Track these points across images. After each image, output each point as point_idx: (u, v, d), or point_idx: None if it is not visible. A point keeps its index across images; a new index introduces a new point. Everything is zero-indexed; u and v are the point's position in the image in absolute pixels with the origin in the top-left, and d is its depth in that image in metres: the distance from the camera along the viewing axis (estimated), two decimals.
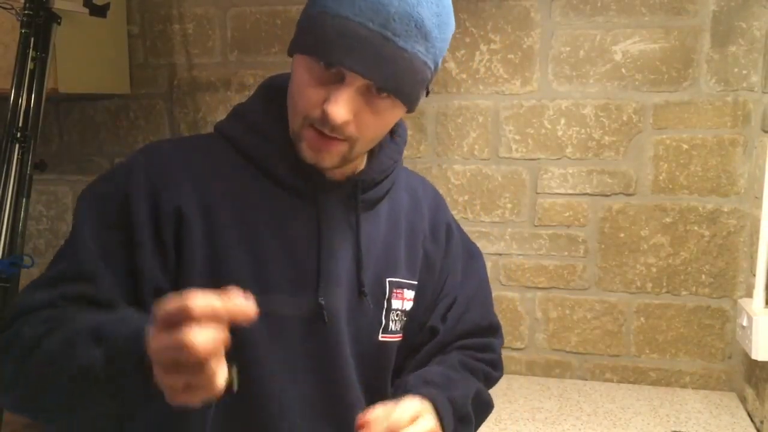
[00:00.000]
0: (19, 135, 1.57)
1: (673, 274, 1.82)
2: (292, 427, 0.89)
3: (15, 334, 0.79)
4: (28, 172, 1.57)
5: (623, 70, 1.78)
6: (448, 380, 0.97)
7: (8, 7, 1.61)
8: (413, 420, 0.84)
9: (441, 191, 1.91)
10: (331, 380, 0.92)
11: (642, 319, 1.85)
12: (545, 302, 1.90)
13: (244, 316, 0.63)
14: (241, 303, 0.63)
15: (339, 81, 0.79)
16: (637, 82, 1.78)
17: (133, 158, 0.88)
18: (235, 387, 0.66)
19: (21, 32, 1.57)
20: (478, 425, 1.03)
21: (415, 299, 1.00)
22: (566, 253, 1.87)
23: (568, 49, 1.81)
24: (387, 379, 1.00)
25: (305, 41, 0.81)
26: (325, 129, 0.81)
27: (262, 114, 0.90)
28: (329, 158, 0.85)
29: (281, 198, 0.88)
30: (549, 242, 1.88)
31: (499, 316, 1.95)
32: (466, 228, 1.93)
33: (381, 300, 0.96)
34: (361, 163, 0.94)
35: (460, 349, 1.05)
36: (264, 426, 0.88)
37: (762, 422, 1.59)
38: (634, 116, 1.79)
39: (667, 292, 1.83)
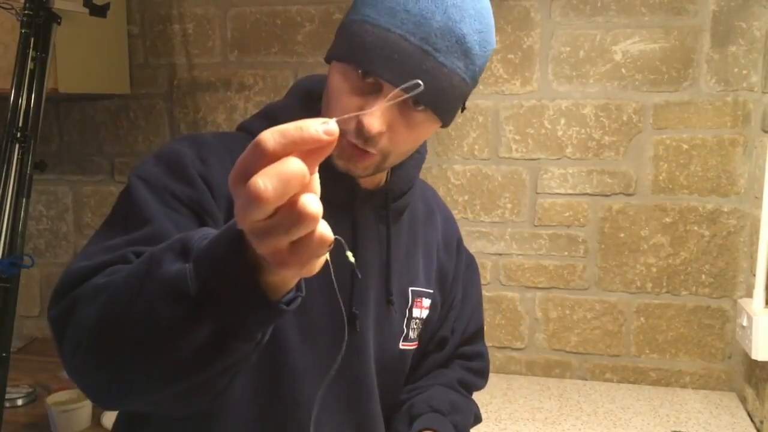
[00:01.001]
0: (19, 135, 1.57)
1: (673, 274, 1.82)
2: (318, 430, 0.89)
3: (76, 296, 0.68)
4: (28, 172, 1.57)
5: (623, 70, 1.78)
6: (453, 406, 1.03)
7: (8, 7, 1.61)
8: None
9: (441, 191, 1.93)
10: (355, 387, 0.93)
11: (642, 319, 1.85)
12: (545, 302, 1.90)
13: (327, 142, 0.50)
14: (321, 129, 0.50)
15: (376, 92, 0.78)
16: (637, 82, 1.78)
17: (179, 146, 0.85)
18: (351, 258, 0.59)
19: (21, 32, 1.57)
20: None
21: (431, 308, 1.03)
22: (566, 253, 1.87)
23: (568, 49, 1.81)
24: (401, 385, 1.04)
25: (343, 48, 0.79)
26: (358, 141, 0.79)
27: (295, 115, 0.86)
28: (363, 169, 0.84)
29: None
30: (549, 242, 1.88)
31: (499, 316, 1.97)
32: (467, 228, 1.94)
33: (404, 309, 0.98)
34: (386, 173, 0.95)
35: (457, 358, 1.11)
36: (291, 429, 0.88)
37: (762, 422, 1.59)
38: (634, 116, 1.79)
39: (667, 292, 1.83)
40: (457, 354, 1.11)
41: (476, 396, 1.83)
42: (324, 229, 0.49)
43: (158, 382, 0.62)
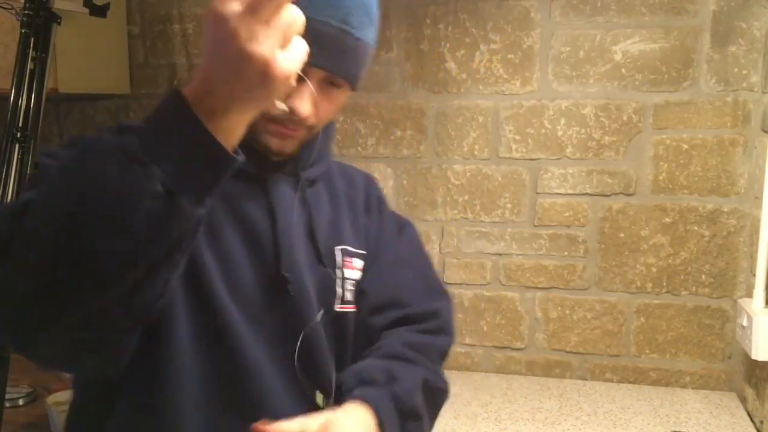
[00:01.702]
0: (19, 135, 1.57)
1: (673, 274, 1.82)
2: (273, 398, 0.88)
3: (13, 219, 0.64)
4: (28, 172, 1.57)
5: (623, 70, 1.78)
6: (390, 375, 0.92)
7: (8, 7, 1.61)
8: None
9: (441, 191, 1.93)
10: (305, 350, 0.91)
11: (642, 319, 1.85)
12: (545, 302, 1.90)
13: None
14: None
15: (298, 78, 0.79)
16: (637, 82, 1.78)
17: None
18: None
19: (21, 32, 1.57)
20: (434, 414, 0.99)
21: (364, 269, 1.01)
22: (566, 253, 1.87)
23: (568, 49, 1.81)
24: (348, 352, 0.99)
25: None
26: (288, 123, 0.85)
27: None
28: (292, 144, 0.89)
29: (230, 184, 0.83)
30: (549, 242, 1.88)
31: (499, 316, 1.97)
32: (466, 228, 1.94)
33: (333, 269, 0.97)
34: None
35: (406, 324, 1.01)
36: (245, 399, 0.87)
37: (762, 422, 1.59)
38: (634, 116, 1.79)
39: (667, 292, 1.83)
40: (405, 318, 1.01)
41: (476, 396, 1.83)
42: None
43: (109, 268, 0.61)
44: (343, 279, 0.98)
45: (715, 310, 1.81)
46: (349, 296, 0.98)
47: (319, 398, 0.93)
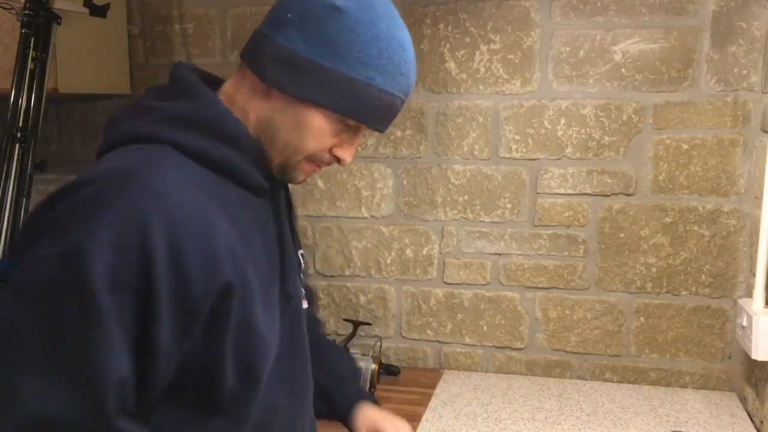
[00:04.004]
0: (19, 135, 1.57)
1: (673, 274, 1.82)
2: (280, 407, 0.96)
3: None
4: (29, 172, 1.57)
5: (623, 70, 1.78)
6: (348, 370, 1.30)
7: (8, 7, 1.61)
8: None
9: (441, 191, 1.93)
10: (303, 358, 1.03)
11: (642, 319, 1.85)
12: (545, 302, 1.90)
13: None
14: None
15: (354, 131, 0.91)
16: (637, 82, 1.78)
17: (145, 218, 0.73)
18: None
19: (21, 32, 1.57)
20: None
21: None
22: (566, 253, 1.87)
23: (568, 49, 1.81)
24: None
25: (346, 105, 0.86)
26: (325, 164, 0.93)
27: (231, 124, 0.87)
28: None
29: (254, 204, 0.92)
30: (549, 242, 1.88)
31: (499, 316, 1.97)
32: (466, 228, 1.94)
33: (299, 272, 1.06)
34: None
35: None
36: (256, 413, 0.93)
37: (762, 422, 1.59)
38: (634, 116, 1.79)
39: (667, 292, 1.83)
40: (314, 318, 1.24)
41: (476, 396, 1.84)
42: None
43: None
44: (304, 279, 1.09)
45: (715, 310, 1.81)
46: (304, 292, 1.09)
47: None
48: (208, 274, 0.77)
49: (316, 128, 0.87)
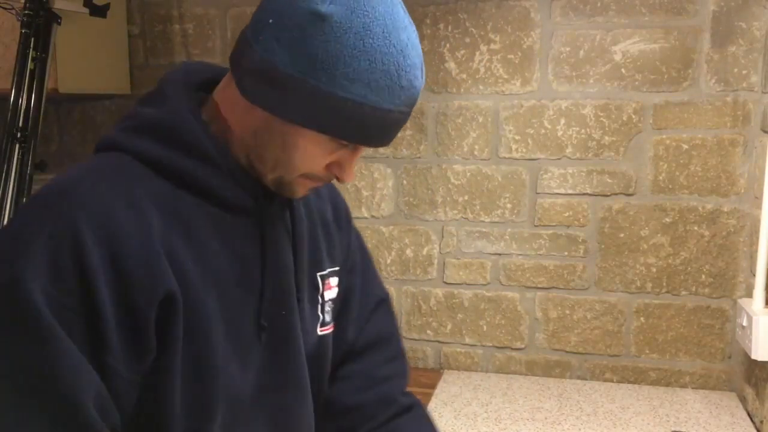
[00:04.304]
0: (19, 135, 1.57)
1: (673, 274, 1.82)
2: None
3: None
4: (29, 172, 1.57)
5: (623, 70, 1.78)
6: None
7: (8, 7, 1.61)
8: None
9: (441, 191, 1.93)
10: (296, 387, 0.92)
11: (642, 319, 1.85)
12: (545, 302, 1.90)
13: None
14: None
15: (351, 149, 0.81)
16: (637, 82, 1.78)
17: (75, 230, 0.70)
18: None
19: (21, 32, 1.57)
20: None
21: (339, 285, 1.02)
22: (566, 253, 1.87)
23: (568, 49, 1.81)
24: (327, 370, 1.01)
25: (336, 127, 0.76)
26: (325, 181, 0.85)
27: (196, 132, 0.80)
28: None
29: (225, 219, 0.82)
30: (549, 242, 1.88)
31: (499, 316, 1.97)
32: (466, 228, 1.94)
33: (316, 296, 0.96)
34: None
35: (374, 350, 1.08)
36: None
37: (762, 422, 1.59)
38: (634, 116, 1.79)
39: (667, 292, 1.83)
40: (375, 338, 1.09)
41: (476, 396, 1.83)
42: None
43: None
44: (323, 303, 0.98)
45: (715, 310, 1.81)
46: (328, 318, 0.99)
47: None
48: (148, 283, 0.72)
49: (305, 149, 0.78)
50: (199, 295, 0.77)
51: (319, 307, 0.97)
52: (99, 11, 1.74)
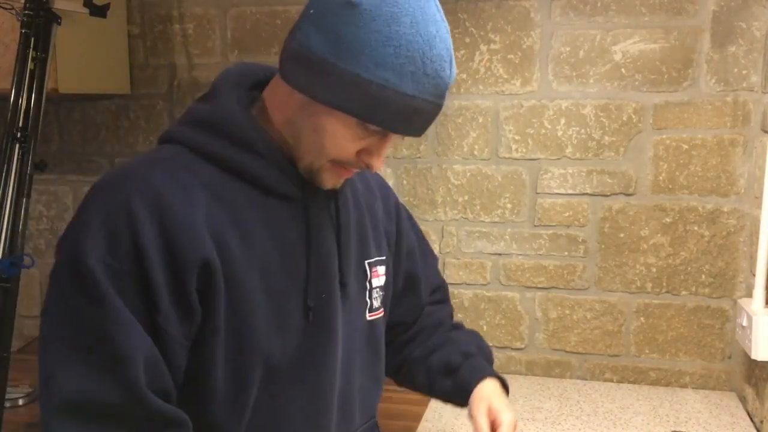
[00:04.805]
0: (19, 135, 1.57)
1: (673, 274, 1.82)
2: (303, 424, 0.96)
3: None
4: (29, 172, 1.57)
5: (623, 70, 1.78)
6: (476, 345, 1.21)
7: (8, 7, 1.61)
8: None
9: (441, 191, 1.93)
10: (332, 370, 0.98)
11: (642, 319, 1.85)
12: (545, 302, 1.90)
13: None
14: None
15: (380, 136, 0.86)
16: (637, 82, 1.78)
17: (130, 206, 0.80)
18: None
19: (21, 32, 1.57)
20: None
21: (386, 273, 1.09)
22: (566, 253, 1.87)
23: (568, 49, 1.81)
24: (382, 353, 1.10)
25: (359, 108, 0.81)
26: (354, 168, 0.90)
27: (243, 124, 0.88)
28: (341, 182, 0.94)
29: (272, 206, 0.90)
30: (549, 242, 1.88)
31: (499, 316, 1.97)
32: (466, 228, 1.94)
33: (364, 282, 1.03)
34: None
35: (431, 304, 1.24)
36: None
37: (762, 422, 1.59)
38: (634, 116, 1.79)
39: (667, 292, 1.83)
40: (437, 291, 1.26)
41: None
42: None
43: None
44: (371, 289, 1.05)
45: (715, 310, 1.81)
46: (376, 303, 1.06)
47: None
48: (189, 251, 0.81)
49: (334, 132, 0.84)
50: (242, 273, 0.85)
51: (367, 293, 1.04)
52: (99, 11, 1.73)
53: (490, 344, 1.96)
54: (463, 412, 1.67)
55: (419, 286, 1.20)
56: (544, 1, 1.80)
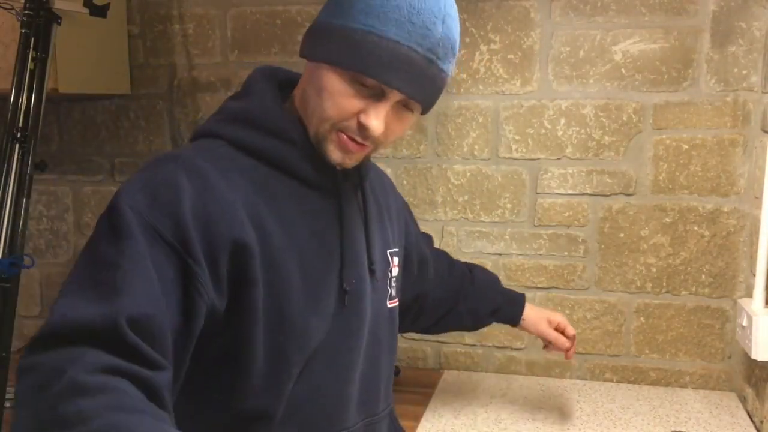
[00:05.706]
0: (19, 135, 1.57)
1: (673, 274, 1.82)
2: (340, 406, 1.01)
3: (63, 383, 0.69)
4: (29, 172, 1.57)
5: (623, 70, 1.78)
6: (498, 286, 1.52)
7: (8, 7, 1.61)
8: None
9: (441, 191, 1.93)
10: (359, 349, 1.03)
11: (642, 319, 1.85)
12: (545, 302, 1.90)
13: None
14: None
15: (377, 95, 0.88)
16: (637, 82, 1.78)
17: (176, 178, 0.84)
18: None
19: (21, 32, 1.57)
20: None
21: (399, 264, 1.16)
22: (566, 253, 1.87)
23: (568, 49, 1.81)
24: (396, 339, 1.16)
25: (347, 56, 0.85)
26: (357, 137, 0.90)
27: (278, 117, 0.94)
28: (353, 160, 0.95)
29: (307, 196, 0.95)
30: (549, 242, 1.88)
31: None
32: (466, 228, 1.94)
33: (386, 271, 1.08)
34: None
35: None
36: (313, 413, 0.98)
37: (762, 422, 1.59)
38: (634, 116, 1.79)
39: (667, 292, 1.83)
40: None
41: (476, 396, 1.84)
42: None
43: None
44: (391, 278, 1.11)
45: (715, 310, 1.81)
46: (394, 293, 1.12)
47: None
48: (226, 226, 0.84)
49: (331, 88, 0.87)
50: (281, 258, 0.89)
51: (388, 281, 1.09)
52: (99, 11, 1.74)
53: (491, 344, 1.98)
54: (463, 411, 1.68)
55: (428, 264, 1.36)
56: (544, 1, 1.80)
